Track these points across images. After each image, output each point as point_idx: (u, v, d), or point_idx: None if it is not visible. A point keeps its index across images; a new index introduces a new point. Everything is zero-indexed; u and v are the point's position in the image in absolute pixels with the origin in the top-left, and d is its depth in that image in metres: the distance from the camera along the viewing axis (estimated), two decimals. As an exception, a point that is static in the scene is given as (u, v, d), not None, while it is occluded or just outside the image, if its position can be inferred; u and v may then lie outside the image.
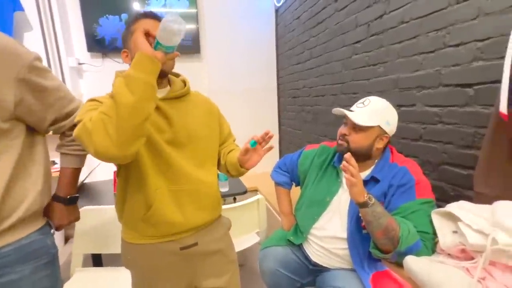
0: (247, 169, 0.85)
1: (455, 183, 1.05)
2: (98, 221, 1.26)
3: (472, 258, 0.69)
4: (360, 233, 0.95)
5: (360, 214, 0.88)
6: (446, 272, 0.67)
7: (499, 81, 0.72)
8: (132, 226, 0.80)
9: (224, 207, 1.29)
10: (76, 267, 1.25)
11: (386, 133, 0.97)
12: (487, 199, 0.76)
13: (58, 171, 0.86)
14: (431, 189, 0.93)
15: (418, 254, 0.82)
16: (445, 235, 0.79)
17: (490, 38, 0.89)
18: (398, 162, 0.98)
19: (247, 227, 1.46)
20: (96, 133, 0.56)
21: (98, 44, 2.37)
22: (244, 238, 1.49)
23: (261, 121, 2.93)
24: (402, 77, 1.27)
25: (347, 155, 0.86)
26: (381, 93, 1.41)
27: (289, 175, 1.29)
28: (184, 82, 0.87)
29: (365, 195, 0.83)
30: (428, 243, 0.84)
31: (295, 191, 1.31)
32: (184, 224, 0.80)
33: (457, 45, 1.00)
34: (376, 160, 1.01)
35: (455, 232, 0.77)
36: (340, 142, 1.01)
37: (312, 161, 1.17)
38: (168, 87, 0.83)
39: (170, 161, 0.77)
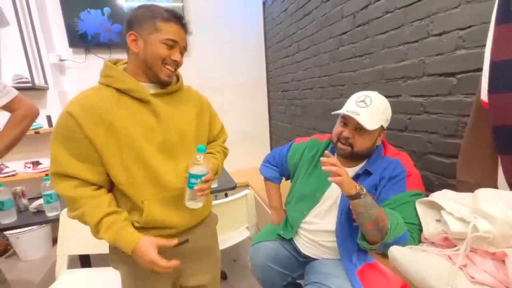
0: None
1: (439, 172, 1.06)
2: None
3: (455, 246, 0.69)
4: (349, 226, 0.95)
5: (350, 206, 0.87)
6: (428, 260, 0.67)
7: (481, 69, 0.72)
8: None
9: (213, 202, 1.28)
10: (62, 269, 1.22)
11: (384, 129, 0.97)
12: (469, 187, 0.76)
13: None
14: (421, 181, 0.93)
15: (405, 245, 0.82)
16: (428, 224, 0.79)
17: (472, 26, 0.89)
18: (390, 155, 0.98)
19: (236, 222, 1.46)
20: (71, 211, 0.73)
21: (80, 40, 2.29)
22: (234, 233, 1.49)
23: (252, 116, 2.91)
24: (387, 68, 1.26)
25: (326, 153, 0.84)
26: (367, 85, 1.40)
27: (279, 169, 1.27)
28: (177, 77, 0.85)
29: (357, 186, 0.82)
30: (415, 234, 0.85)
31: (286, 184, 1.31)
32: (178, 227, 0.80)
33: (440, 34, 0.99)
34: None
35: (438, 220, 0.77)
36: (342, 146, 0.96)
37: (302, 155, 1.15)
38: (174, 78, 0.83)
39: (158, 170, 0.74)
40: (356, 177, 0.98)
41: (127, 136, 0.71)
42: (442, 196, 0.79)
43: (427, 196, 0.91)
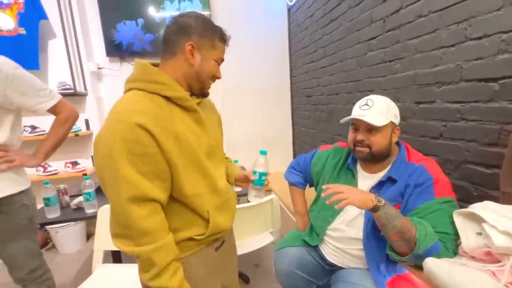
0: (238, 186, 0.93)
1: (478, 183, 1.00)
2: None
3: (499, 261, 0.65)
4: (377, 235, 0.92)
5: (374, 218, 0.85)
6: (468, 274, 0.64)
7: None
8: (176, 245, 0.71)
9: (238, 206, 1.31)
10: (97, 263, 1.30)
11: (396, 126, 0.97)
12: (515, 199, 0.72)
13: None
14: (451, 187, 0.89)
15: (438, 256, 0.78)
16: (468, 236, 0.75)
17: (516, 29, 0.85)
18: (415, 160, 0.95)
19: (261, 227, 1.47)
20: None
21: (116, 49, 2.46)
22: (258, 238, 1.50)
23: (275, 121, 2.93)
24: (420, 73, 1.22)
25: (324, 187, 0.85)
26: (398, 90, 1.37)
27: (303, 175, 1.28)
28: None
29: (373, 198, 0.81)
30: (449, 245, 0.81)
31: (309, 191, 1.30)
32: (228, 230, 0.83)
33: (480, 38, 0.95)
34: (393, 160, 0.98)
35: (479, 233, 0.73)
36: (359, 149, 0.97)
37: (326, 162, 1.15)
38: None
39: (214, 177, 0.74)
40: (381, 185, 0.96)
41: (189, 146, 0.67)
42: (483, 208, 0.75)
43: (460, 204, 0.87)
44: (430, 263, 0.70)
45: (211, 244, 0.79)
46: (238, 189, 1.64)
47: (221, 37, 0.75)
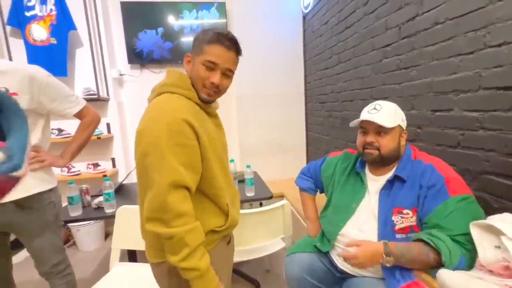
0: None
1: (498, 194, 0.97)
2: (135, 220, 1.35)
3: (518, 277, 0.63)
4: (392, 238, 0.92)
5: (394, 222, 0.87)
6: (485, 289, 0.62)
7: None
8: None
9: (249, 211, 1.32)
10: (114, 261, 1.36)
11: (404, 129, 1.00)
12: (536, 213, 0.69)
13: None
14: (464, 183, 0.88)
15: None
16: (485, 249, 0.73)
17: (538, 37, 0.82)
18: (423, 159, 0.96)
19: (272, 232, 1.47)
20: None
21: (137, 57, 2.58)
22: (269, 243, 1.50)
23: (288, 127, 2.93)
24: (436, 81, 1.20)
25: (341, 256, 0.91)
26: (414, 97, 1.34)
27: (313, 181, 1.29)
28: None
29: (380, 256, 0.84)
30: (469, 246, 0.79)
31: (320, 197, 1.30)
32: (237, 225, 0.88)
33: (499, 45, 0.93)
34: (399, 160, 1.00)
35: (497, 247, 0.71)
36: (369, 151, 0.99)
37: (335, 168, 1.17)
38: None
39: (228, 173, 0.85)
40: (390, 186, 0.97)
41: (216, 144, 0.77)
42: (502, 220, 0.73)
43: (477, 199, 0.85)
44: (443, 274, 0.68)
45: (224, 238, 0.85)
46: (250, 194, 1.66)
47: (209, 40, 0.73)
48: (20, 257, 2.06)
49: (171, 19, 2.58)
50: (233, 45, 0.76)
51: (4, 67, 1.00)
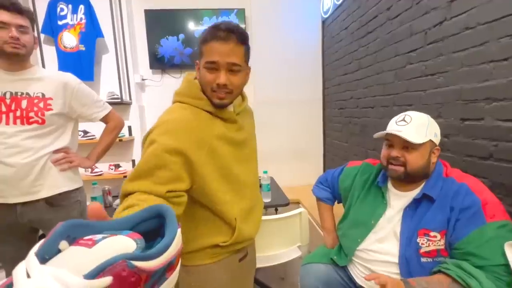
0: None
1: (537, 212, 0.89)
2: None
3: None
4: (417, 261, 0.86)
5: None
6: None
7: None
8: (201, 251, 0.74)
9: (266, 218, 1.31)
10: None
11: (436, 145, 0.90)
12: None
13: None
14: (503, 208, 0.80)
15: None
16: (523, 272, 0.67)
17: None
18: (455, 177, 0.87)
19: (288, 240, 1.45)
20: None
21: (158, 62, 2.66)
22: (285, 251, 1.48)
23: (306, 133, 2.90)
24: (466, 88, 1.14)
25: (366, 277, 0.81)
26: (441, 105, 1.28)
27: (331, 191, 1.25)
28: (242, 96, 0.85)
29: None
30: (506, 278, 0.72)
31: (338, 207, 1.26)
32: (252, 238, 0.83)
33: (538, 52, 0.87)
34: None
35: (537, 270, 0.65)
36: (394, 167, 0.90)
37: (354, 179, 1.11)
38: (240, 97, 0.82)
39: (240, 184, 0.76)
40: (416, 204, 0.89)
41: (222, 157, 0.71)
42: (543, 241, 0.67)
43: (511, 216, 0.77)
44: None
45: (236, 254, 0.80)
46: (267, 200, 1.65)
47: (203, 40, 0.67)
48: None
49: (192, 26, 2.64)
50: (230, 34, 0.64)
51: (41, 74, 1.08)
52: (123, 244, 0.22)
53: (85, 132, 2.41)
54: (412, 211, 0.91)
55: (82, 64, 2.30)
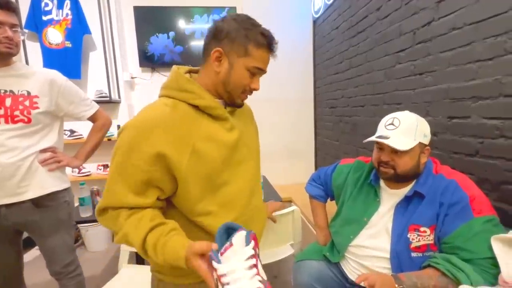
0: None
1: (520, 206, 0.93)
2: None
3: (545, 295, 0.60)
4: (407, 256, 0.88)
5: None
6: (510, 307, 0.59)
7: None
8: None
9: (258, 216, 1.31)
10: (123, 263, 1.36)
11: (426, 145, 0.91)
12: None
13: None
14: (490, 204, 0.83)
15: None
16: (508, 265, 0.69)
17: None
18: (445, 174, 0.89)
19: (281, 238, 1.45)
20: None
21: (148, 60, 2.62)
22: (278, 249, 1.48)
23: (297, 131, 2.92)
24: (453, 87, 1.17)
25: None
26: (429, 104, 1.31)
27: (324, 188, 1.26)
28: None
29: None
30: (494, 271, 0.75)
31: (330, 204, 1.27)
32: None
33: (522, 52, 0.90)
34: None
35: (521, 262, 0.67)
36: (384, 169, 0.93)
37: (347, 177, 1.13)
38: None
39: (229, 191, 0.68)
40: (407, 201, 0.92)
41: (207, 159, 0.64)
42: (527, 234, 0.69)
43: (497, 210, 0.80)
44: (464, 290, 0.66)
45: None
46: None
47: (257, 43, 0.64)
48: (28, 257, 2.08)
49: (182, 24, 2.61)
50: (275, 50, 0.72)
51: (25, 71, 1.04)
52: None
53: (72, 131, 2.34)
54: (403, 208, 0.93)
55: (68, 61, 2.23)
